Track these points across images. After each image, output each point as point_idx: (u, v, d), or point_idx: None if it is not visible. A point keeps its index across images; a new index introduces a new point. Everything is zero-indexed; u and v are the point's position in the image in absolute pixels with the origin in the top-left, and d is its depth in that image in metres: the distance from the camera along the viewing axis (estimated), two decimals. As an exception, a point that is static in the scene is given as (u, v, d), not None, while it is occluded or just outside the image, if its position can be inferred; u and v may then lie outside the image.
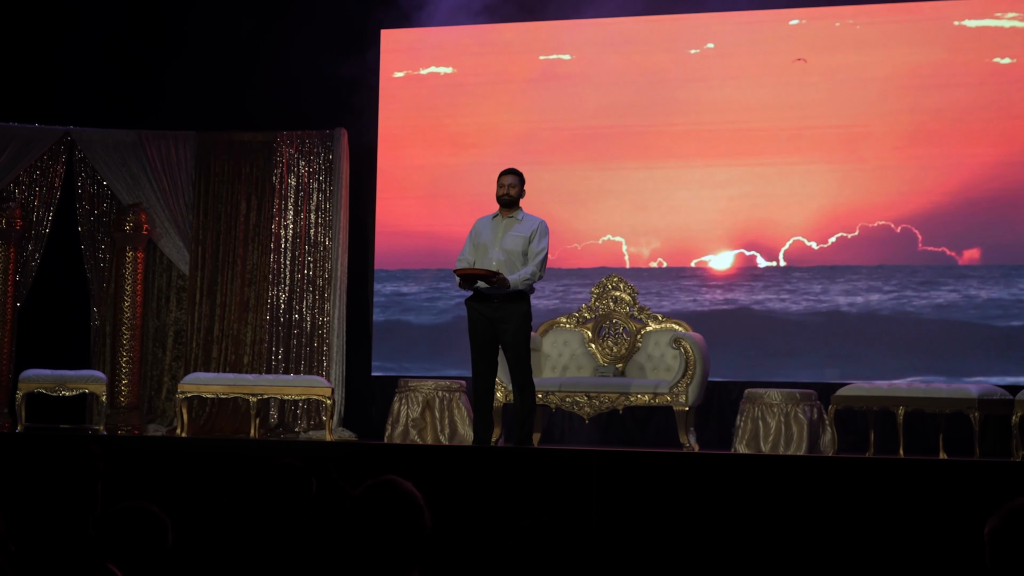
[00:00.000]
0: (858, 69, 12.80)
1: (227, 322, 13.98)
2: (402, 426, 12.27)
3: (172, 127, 14.11)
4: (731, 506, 8.22)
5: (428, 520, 3.92)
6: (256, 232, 14.03)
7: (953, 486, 7.91)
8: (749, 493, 8.24)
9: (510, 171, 10.33)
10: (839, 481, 8.20)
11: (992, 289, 12.42)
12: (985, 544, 3.59)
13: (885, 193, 12.65)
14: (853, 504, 8.04)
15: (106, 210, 14.17)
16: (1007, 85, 12.44)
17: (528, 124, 13.55)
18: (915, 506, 7.89)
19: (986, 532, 3.61)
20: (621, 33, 13.42)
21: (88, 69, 14.12)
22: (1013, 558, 3.52)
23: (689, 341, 11.50)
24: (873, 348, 12.60)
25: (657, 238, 13.24)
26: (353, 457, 9.49)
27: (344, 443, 12.18)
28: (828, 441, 11.28)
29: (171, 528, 4.51)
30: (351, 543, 3.87)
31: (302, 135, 13.97)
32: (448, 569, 5.65)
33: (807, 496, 8.13)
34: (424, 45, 13.96)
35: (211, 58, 14.09)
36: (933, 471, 8.32)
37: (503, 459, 9.10)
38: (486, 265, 10.06)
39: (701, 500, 8.30)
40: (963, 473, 8.14)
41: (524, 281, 10.00)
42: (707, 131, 13.11)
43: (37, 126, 14.06)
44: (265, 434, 13.18)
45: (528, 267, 10.05)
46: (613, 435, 12.81)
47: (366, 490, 3.91)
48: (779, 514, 8.08)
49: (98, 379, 12.80)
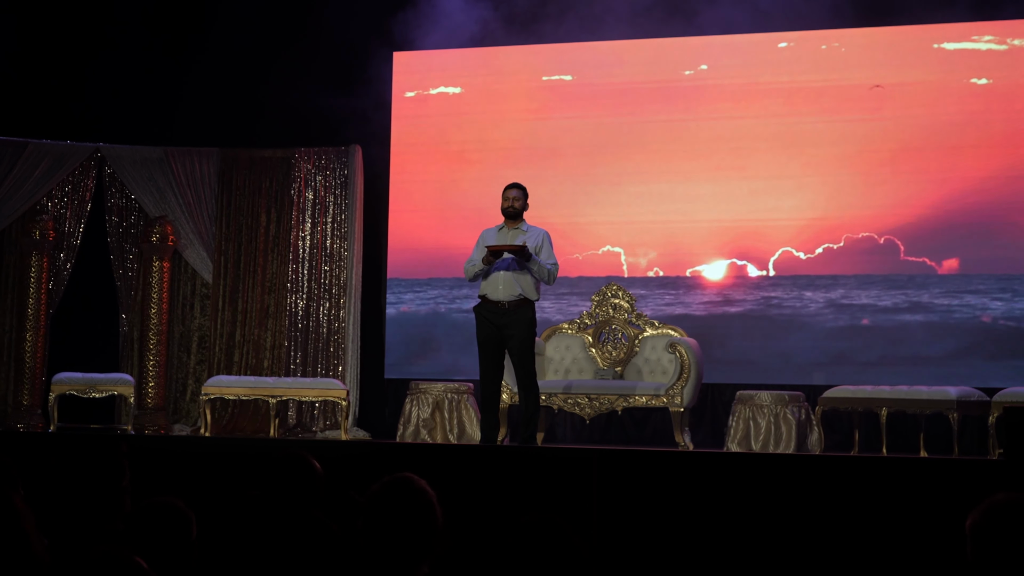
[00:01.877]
0: (843, 90, 12.80)
1: (248, 328, 13.98)
2: (413, 426, 12.26)
3: (196, 144, 14.12)
4: (724, 502, 8.21)
5: (439, 515, 3.91)
6: (276, 243, 14.03)
7: (933, 483, 7.90)
8: (741, 490, 8.22)
9: (515, 185, 10.32)
10: (826, 478, 8.18)
11: (970, 297, 12.41)
12: (966, 537, 3.59)
13: (869, 206, 12.64)
14: (839, 500, 8.02)
15: (134, 222, 14.18)
16: (984, 104, 12.44)
17: (531, 140, 13.55)
18: (897, 501, 7.87)
19: (967, 526, 3.61)
20: (619, 55, 13.42)
21: (117, 89, 14.14)
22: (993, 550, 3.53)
23: (684, 346, 11.50)
24: (858, 352, 12.60)
25: (654, 248, 13.23)
26: (367, 456, 9.48)
27: (358, 442, 12.18)
28: (815, 440, 11.27)
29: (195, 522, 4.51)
30: (366, 536, 3.86)
31: (319, 151, 13.97)
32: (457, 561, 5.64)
33: (796, 492, 8.11)
34: (433, 67, 13.97)
35: (233, 79, 14.09)
36: (914, 469, 8.31)
37: (509, 457, 9.08)
38: (495, 275, 10.06)
39: (695, 496, 8.28)
40: (943, 470, 8.12)
41: (543, 266, 10.02)
42: (700, 147, 13.11)
43: (69, 143, 14.07)
44: (284, 434, 13.17)
45: (549, 261, 10.08)
46: (612, 435, 12.80)
47: (382, 486, 3.91)
48: (769, 510, 8.06)
49: (126, 382, 12.80)
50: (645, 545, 8.12)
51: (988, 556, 3.53)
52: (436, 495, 3.94)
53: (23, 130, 13.99)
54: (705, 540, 8.10)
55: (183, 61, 14.32)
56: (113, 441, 6.52)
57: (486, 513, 7.96)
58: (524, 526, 3.80)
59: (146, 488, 5.09)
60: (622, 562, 8.04)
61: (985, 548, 3.54)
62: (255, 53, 14.08)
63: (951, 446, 10.54)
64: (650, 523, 8.21)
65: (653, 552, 8.10)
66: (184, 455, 9.59)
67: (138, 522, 4.45)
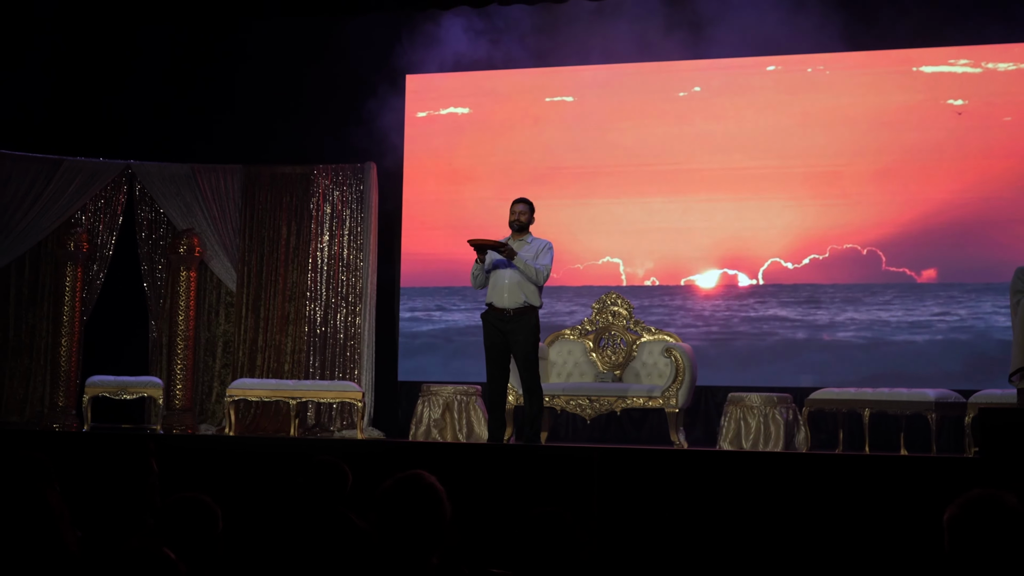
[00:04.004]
0: (827, 110, 12.82)
1: (270, 333, 13.97)
2: (425, 426, 12.26)
3: (221, 161, 14.12)
4: (716, 497, 8.20)
5: (448, 509, 3.92)
6: (296, 254, 14.03)
7: (912, 479, 7.89)
8: (732, 486, 8.22)
9: (521, 200, 10.33)
10: (812, 475, 8.18)
11: (948, 304, 12.42)
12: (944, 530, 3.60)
13: (853, 220, 12.65)
14: (824, 495, 8.02)
15: (162, 234, 14.18)
16: (960, 124, 12.45)
17: (536, 158, 13.56)
18: (879, 496, 7.87)
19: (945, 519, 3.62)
20: (618, 78, 13.43)
21: (146, 109, 14.17)
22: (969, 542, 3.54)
23: (679, 350, 11.49)
24: (842, 357, 12.60)
25: (651, 259, 13.24)
26: (381, 454, 9.48)
27: (373, 441, 12.17)
28: (802, 439, 11.26)
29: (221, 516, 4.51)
30: (381, 528, 3.87)
31: (336, 168, 13.97)
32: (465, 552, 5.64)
33: (784, 489, 8.11)
34: (444, 88, 13.99)
35: (256, 100, 14.12)
36: (895, 466, 8.30)
37: (514, 455, 9.08)
38: (500, 284, 10.07)
39: (689, 491, 8.28)
40: (921, 468, 8.11)
41: (530, 267, 10.00)
42: (694, 164, 13.13)
43: (101, 160, 14.08)
44: (303, 433, 13.16)
45: (537, 263, 10.06)
46: (612, 434, 12.79)
47: (395, 482, 3.92)
48: (759, 504, 8.06)
49: (155, 384, 12.81)
50: (642, 536, 8.12)
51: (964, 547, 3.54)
52: (446, 490, 3.95)
53: (58, 148, 14.01)
54: (698, 532, 8.09)
55: (209, 84, 14.35)
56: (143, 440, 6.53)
57: (493, 507, 7.96)
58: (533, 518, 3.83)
59: (174, 484, 5.09)
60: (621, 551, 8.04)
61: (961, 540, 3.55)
62: (276, 76, 14.12)
63: (929, 445, 10.53)
64: (647, 516, 8.21)
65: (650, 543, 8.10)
66: (210, 453, 9.57)
67: (167, 516, 4.47)
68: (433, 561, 3.85)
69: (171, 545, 3.35)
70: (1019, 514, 3.56)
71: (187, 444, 10.54)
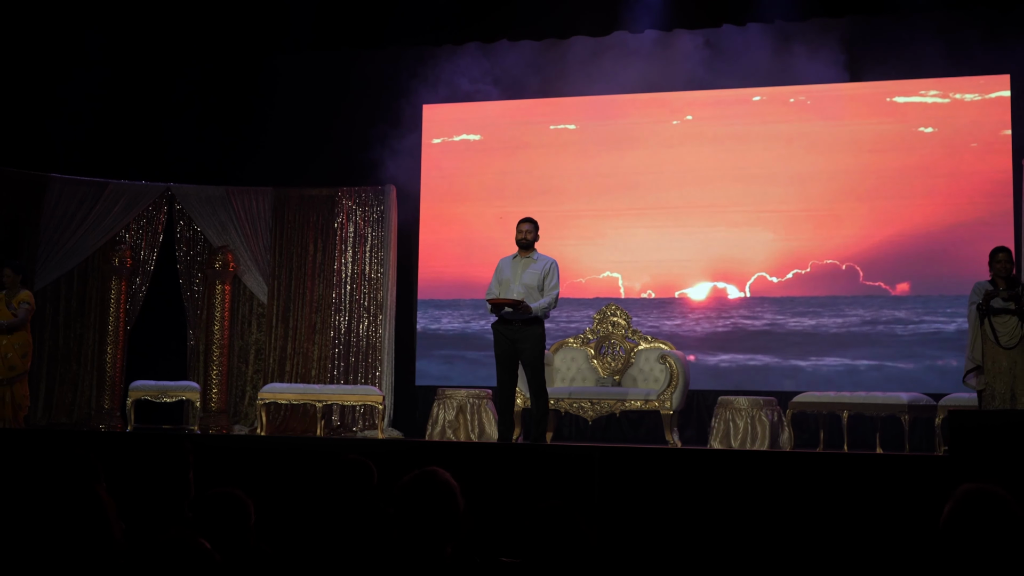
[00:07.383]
0: (809, 136, 12.84)
1: (298, 342, 13.99)
2: (440, 427, 12.25)
3: (254, 184, 14.15)
4: (707, 491, 8.19)
5: (461, 503, 3.91)
6: (322, 269, 14.05)
7: (887, 475, 7.87)
8: (722, 481, 8.21)
9: (527, 219, 10.31)
10: (795, 471, 8.16)
11: (920, 315, 12.41)
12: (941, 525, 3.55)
13: (832, 238, 12.66)
14: (806, 490, 8.00)
15: (199, 251, 14.21)
16: (930, 150, 12.47)
17: (541, 181, 13.58)
18: (856, 491, 7.85)
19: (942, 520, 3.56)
20: (616, 108, 13.45)
21: (186, 136, 14.19)
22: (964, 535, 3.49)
23: (673, 358, 11.50)
24: (823, 363, 12.59)
25: (647, 274, 13.24)
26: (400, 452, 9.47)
27: (392, 440, 12.17)
28: (786, 439, 11.25)
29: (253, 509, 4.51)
30: (398, 521, 3.87)
31: (359, 190, 14.00)
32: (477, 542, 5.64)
33: (769, 483, 8.09)
34: (457, 117, 14.01)
35: (285, 128, 14.15)
36: (871, 463, 8.28)
37: (522, 454, 9.06)
38: (509, 295, 10.06)
39: (683, 487, 8.27)
40: (895, 465, 8.09)
41: (542, 309, 9.98)
42: (687, 186, 13.14)
43: (144, 183, 14.12)
44: (329, 433, 13.17)
45: (545, 298, 10.02)
46: (612, 434, 12.79)
47: (412, 478, 3.91)
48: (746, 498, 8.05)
49: (193, 388, 12.83)
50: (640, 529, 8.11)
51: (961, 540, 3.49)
52: (459, 486, 3.94)
53: (104, 171, 14.05)
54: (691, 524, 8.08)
55: (243, 113, 14.38)
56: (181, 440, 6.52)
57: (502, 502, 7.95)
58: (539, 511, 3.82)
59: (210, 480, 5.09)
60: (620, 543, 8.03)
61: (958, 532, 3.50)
62: (304, 106, 14.15)
63: (903, 444, 10.54)
64: (644, 510, 8.20)
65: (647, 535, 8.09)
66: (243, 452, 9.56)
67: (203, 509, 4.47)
68: (448, 550, 3.85)
69: (207, 535, 3.35)
70: (1010, 504, 3.52)
71: (222, 443, 10.53)
